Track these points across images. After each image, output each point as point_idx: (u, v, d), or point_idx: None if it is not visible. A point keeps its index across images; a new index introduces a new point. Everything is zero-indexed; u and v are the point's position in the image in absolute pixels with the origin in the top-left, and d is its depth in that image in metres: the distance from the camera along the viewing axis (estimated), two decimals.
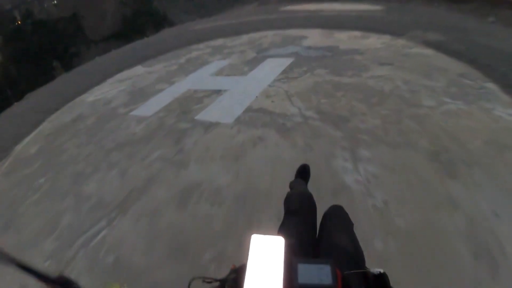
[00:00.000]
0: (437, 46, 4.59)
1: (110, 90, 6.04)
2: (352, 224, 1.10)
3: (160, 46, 8.82)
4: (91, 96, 6.02)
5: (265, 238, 0.50)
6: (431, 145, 2.54)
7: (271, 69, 5.10)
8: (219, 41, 7.85)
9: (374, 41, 5.41)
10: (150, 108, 4.57)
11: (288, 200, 1.23)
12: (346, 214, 1.15)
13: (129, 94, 5.51)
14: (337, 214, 1.14)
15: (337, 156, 2.58)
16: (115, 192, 2.85)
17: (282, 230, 1.02)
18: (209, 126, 3.55)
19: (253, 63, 5.61)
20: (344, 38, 5.83)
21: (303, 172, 1.96)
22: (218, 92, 4.60)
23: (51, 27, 16.76)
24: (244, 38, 7.63)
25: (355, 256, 0.88)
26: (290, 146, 2.81)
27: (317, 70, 4.62)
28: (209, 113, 3.91)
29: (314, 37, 6.35)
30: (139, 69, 7.08)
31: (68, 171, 3.49)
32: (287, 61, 5.29)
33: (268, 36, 7.30)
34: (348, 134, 2.84)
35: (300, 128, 3.10)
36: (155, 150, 3.29)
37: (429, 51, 4.55)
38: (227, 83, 4.89)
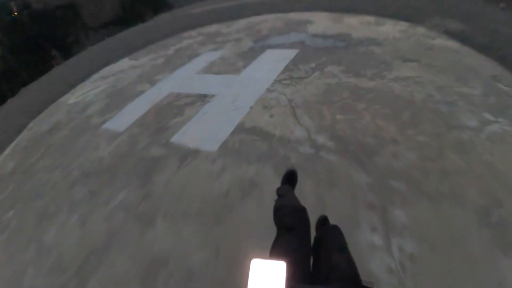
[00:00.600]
0: (461, 38, 3.71)
1: (91, 90, 5.18)
2: (346, 243, 1.00)
3: (152, 34, 7.74)
4: (72, 97, 5.19)
5: (266, 263, 0.47)
6: (480, 195, 1.77)
7: (270, 65, 4.05)
8: (213, 27, 6.71)
9: (391, 29, 4.27)
10: (124, 119, 3.70)
11: (279, 214, 1.12)
12: (342, 233, 1.06)
13: (108, 97, 4.63)
14: (334, 235, 1.06)
15: (361, 221, 1.71)
16: (74, 250, 2.18)
17: (277, 247, 0.93)
18: (186, 156, 2.66)
19: (250, 55, 4.57)
20: (356, 24, 4.65)
21: (291, 178, 1.65)
22: (203, 98, 3.64)
23: (49, 16, 15.36)
24: (242, 23, 6.47)
25: (353, 278, 0.81)
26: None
27: (328, 67, 3.57)
28: (188, 133, 3.00)
29: (321, 22, 5.15)
30: (124, 63, 6.11)
31: (34, 204, 2.93)
32: (290, 54, 4.22)
33: (268, 20, 6.13)
34: (376, 179, 1.94)
35: (310, 166, 2.15)
36: (119, 189, 2.49)
37: (454, 44, 3.61)
38: (216, 85, 3.91)
